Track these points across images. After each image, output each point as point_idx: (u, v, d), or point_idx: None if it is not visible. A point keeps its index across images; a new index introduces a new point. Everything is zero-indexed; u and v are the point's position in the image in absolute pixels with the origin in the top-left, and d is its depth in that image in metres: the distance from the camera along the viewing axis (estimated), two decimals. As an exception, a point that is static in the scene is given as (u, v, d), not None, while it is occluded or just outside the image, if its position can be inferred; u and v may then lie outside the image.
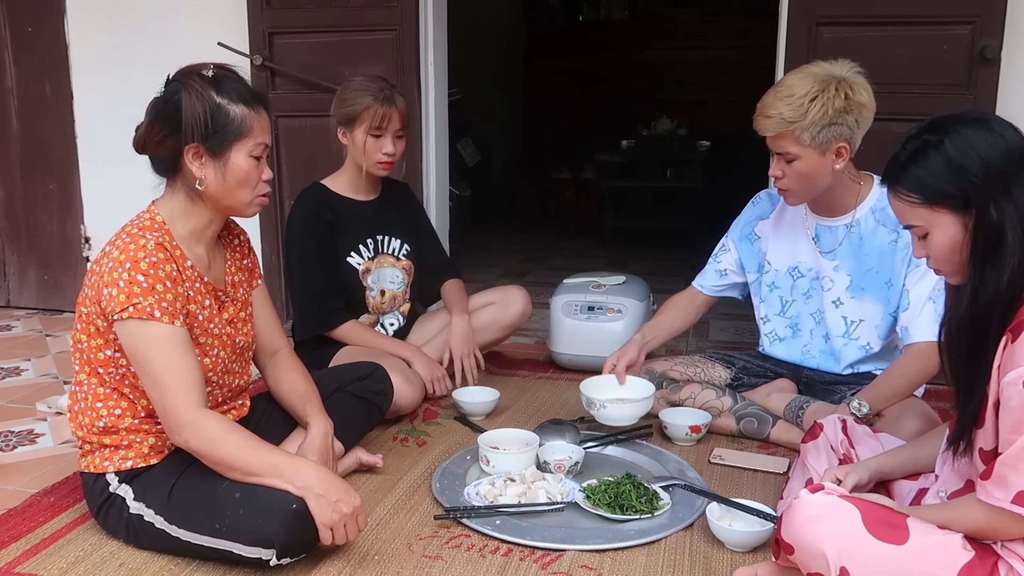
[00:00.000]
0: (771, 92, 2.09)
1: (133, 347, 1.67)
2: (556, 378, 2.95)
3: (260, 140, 1.75)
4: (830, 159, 2.09)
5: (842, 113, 2.03)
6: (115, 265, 1.66)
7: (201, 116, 1.68)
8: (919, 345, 2.10)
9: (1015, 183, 1.35)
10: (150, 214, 1.76)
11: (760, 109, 2.09)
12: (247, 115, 1.72)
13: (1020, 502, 1.29)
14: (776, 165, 2.13)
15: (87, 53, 3.68)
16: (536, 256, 5.36)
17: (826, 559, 1.37)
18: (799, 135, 2.04)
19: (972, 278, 1.39)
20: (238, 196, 1.76)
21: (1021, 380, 1.28)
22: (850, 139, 2.08)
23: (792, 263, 2.37)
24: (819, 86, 2.03)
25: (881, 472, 1.71)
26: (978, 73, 2.72)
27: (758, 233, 2.45)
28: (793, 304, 2.39)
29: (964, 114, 1.43)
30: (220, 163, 1.72)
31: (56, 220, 3.86)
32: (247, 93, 1.74)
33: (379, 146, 2.55)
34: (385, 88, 2.56)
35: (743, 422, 2.35)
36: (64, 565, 1.73)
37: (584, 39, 7.44)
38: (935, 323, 2.05)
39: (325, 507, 1.62)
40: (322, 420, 1.94)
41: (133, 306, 1.64)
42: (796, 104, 2.02)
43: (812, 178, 2.12)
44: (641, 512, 1.89)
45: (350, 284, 2.65)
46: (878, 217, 2.21)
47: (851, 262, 2.26)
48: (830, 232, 2.28)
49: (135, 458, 1.76)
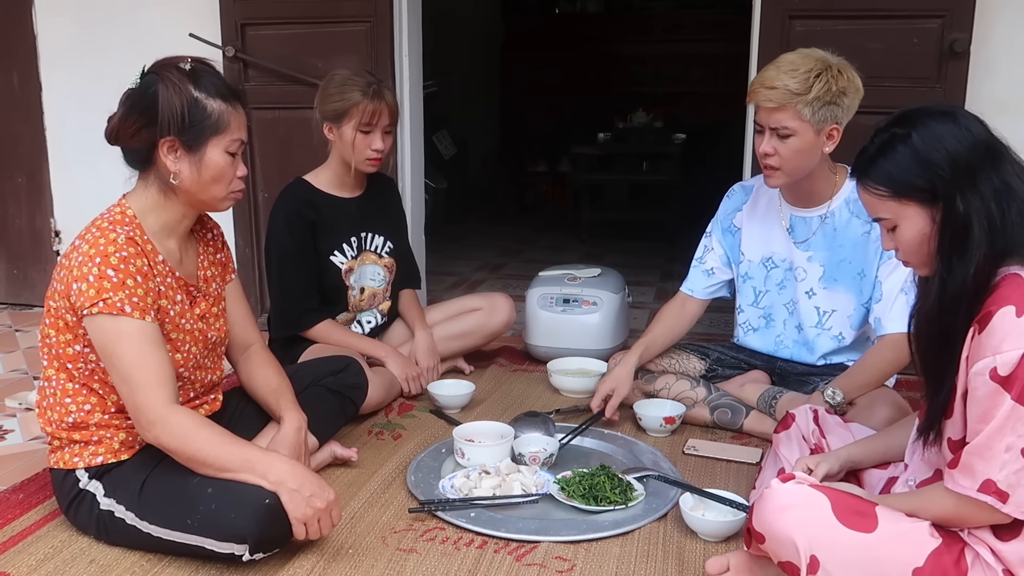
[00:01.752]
0: (772, 67, 2.09)
1: (103, 343, 1.65)
2: (532, 370, 2.95)
3: (236, 136, 1.73)
4: (822, 140, 2.10)
5: (841, 94, 2.05)
6: (85, 259, 1.64)
7: (178, 109, 1.66)
8: (891, 336, 2.12)
9: (981, 176, 1.36)
10: (120, 208, 1.74)
11: (762, 81, 2.08)
12: (224, 110, 1.70)
13: (986, 490, 1.31)
14: (768, 142, 2.10)
15: (56, 45, 3.63)
16: (512, 249, 5.37)
17: (796, 547, 1.39)
18: (801, 109, 2.04)
19: (940, 270, 1.40)
20: (212, 191, 1.75)
21: (988, 370, 1.29)
22: (841, 122, 2.10)
23: (766, 253, 2.38)
24: (821, 65, 2.05)
25: (852, 461, 1.72)
26: (948, 66, 2.75)
27: (737, 224, 2.46)
28: (766, 294, 2.41)
29: (931, 108, 1.44)
30: (195, 158, 1.70)
31: (25, 213, 3.81)
32: (225, 88, 1.72)
33: (368, 142, 2.51)
34: (373, 83, 2.51)
35: (717, 412, 2.36)
36: (33, 562, 1.71)
37: (561, 32, 7.45)
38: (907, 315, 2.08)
39: (299, 502, 1.62)
40: (295, 414, 1.92)
41: (103, 301, 1.62)
42: (801, 78, 2.03)
43: (804, 157, 2.11)
44: (615, 503, 1.90)
45: (332, 283, 2.63)
46: (852, 208, 2.23)
47: (824, 253, 2.28)
48: (804, 223, 2.30)
49: (105, 454, 1.75)
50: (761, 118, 2.11)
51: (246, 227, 3.44)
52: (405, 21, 3.26)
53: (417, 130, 3.46)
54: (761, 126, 2.11)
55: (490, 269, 4.79)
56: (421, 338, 2.73)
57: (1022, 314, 1.28)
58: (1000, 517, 1.33)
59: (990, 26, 2.77)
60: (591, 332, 2.94)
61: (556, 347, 2.95)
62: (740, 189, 2.48)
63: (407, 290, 2.85)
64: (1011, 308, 1.29)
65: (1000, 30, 2.78)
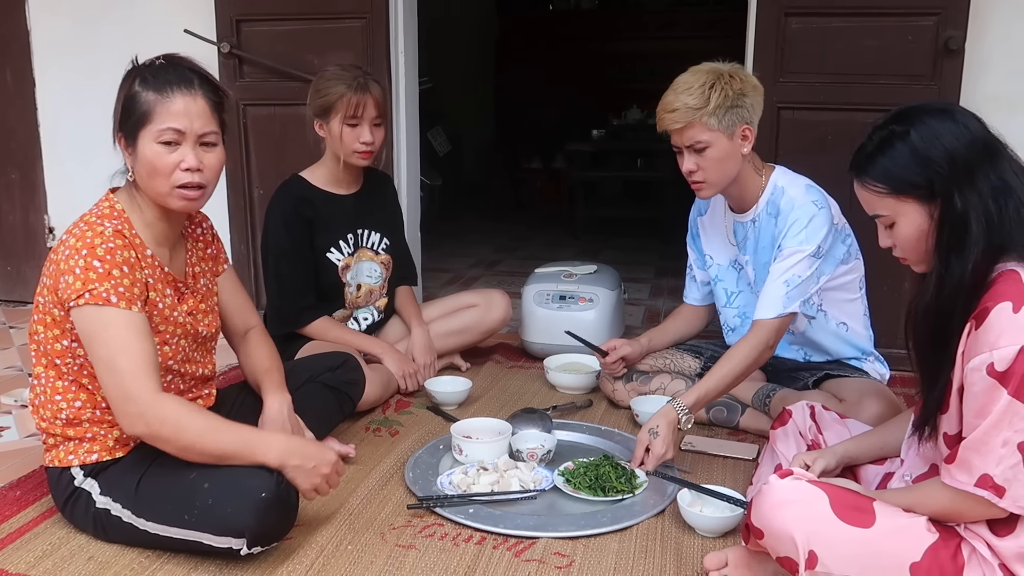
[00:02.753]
0: (669, 92, 2.13)
1: (89, 332, 1.62)
2: (528, 367, 2.95)
3: (166, 125, 1.64)
4: (738, 143, 2.14)
5: (740, 95, 2.09)
6: (71, 253, 1.63)
7: (119, 104, 1.67)
8: (758, 322, 2.13)
9: (979, 173, 1.37)
10: (109, 202, 1.73)
11: (663, 107, 2.12)
12: (153, 100, 1.64)
13: (983, 485, 1.32)
14: (688, 160, 2.15)
15: (50, 41, 3.62)
16: (508, 246, 5.37)
17: (795, 543, 1.39)
18: (707, 121, 2.08)
19: (937, 266, 1.41)
20: (154, 187, 1.68)
21: (984, 366, 1.30)
22: (751, 122, 2.13)
23: (730, 256, 2.42)
24: (712, 76, 2.09)
25: (848, 457, 1.73)
26: (943, 64, 2.76)
27: (698, 230, 2.51)
28: (739, 295, 2.44)
29: (929, 104, 1.45)
30: (136, 153, 1.68)
31: (19, 210, 3.79)
32: (172, 78, 1.66)
33: (356, 135, 2.50)
34: (359, 75, 2.51)
35: (713, 411, 2.37)
36: (32, 559, 1.71)
37: (555, 29, 7.45)
38: (779, 303, 2.08)
39: (306, 474, 1.66)
40: (278, 395, 1.93)
41: (89, 292, 1.60)
42: (697, 93, 2.07)
43: (725, 164, 2.15)
44: (623, 492, 1.91)
45: (329, 280, 2.63)
46: (769, 209, 2.25)
47: (752, 256, 2.32)
48: (742, 227, 2.34)
49: (100, 451, 1.74)
50: (674, 140, 2.15)
51: (241, 223, 3.43)
52: (401, 17, 3.26)
53: (413, 126, 3.46)
54: (679, 148, 2.16)
55: (485, 266, 4.79)
56: (418, 335, 2.73)
57: (1019, 310, 1.29)
58: (997, 512, 1.34)
59: (984, 23, 2.78)
60: (587, 329, 2.93)
61: (552, 343, 2.95)
62: None
63: (404, 287, 2.85)
64: (1008, 304, 1.30)
65: (994, 27, 2.79)
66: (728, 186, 2.22)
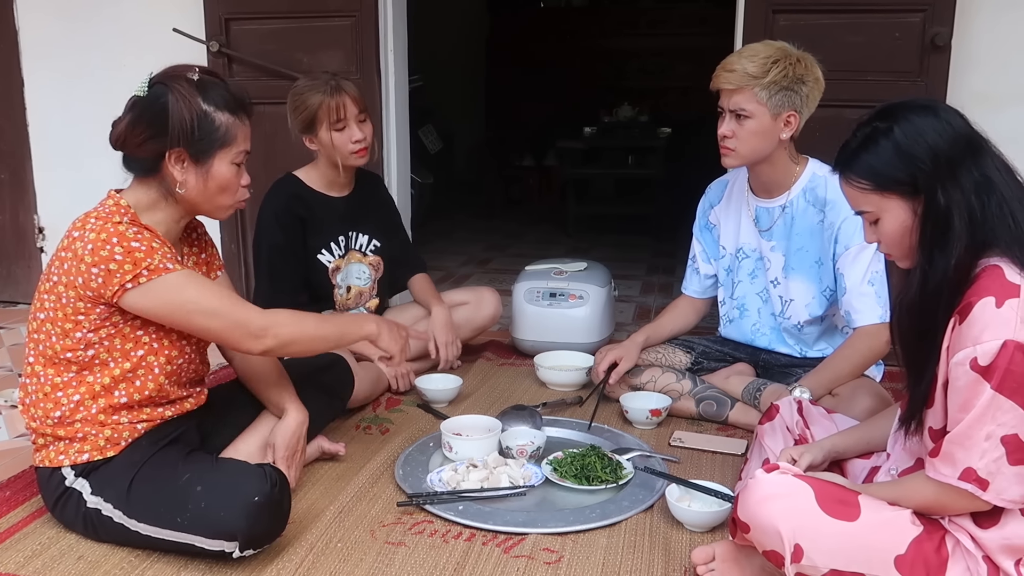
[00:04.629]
0: (734, 54, 2.17)
1: (164, 302, 1.67)
2: (519, 364, 2.96)
3: (243, 148, 1.77)
4: (779, 126, 2.16)
5: (798, 82, 2.11)
6: (99, 245, 1.64)
7: (188, 122, 1.68)
8: (862, 328, 2.17)
9: (961, 169, 1.38)
10: (114, 200, 1.74)
11: (723, 65, 2.16)
12: (232, 123, 1.73)
13: (967, 478, 1.33)
14: (727, 124, 2.17)
15: (38, 40, 3.61)
16: (500, 243, 5.37)
17: (781, 537, 1.40)
18: (758, 92, 2.11)
19: (921, 262, 1.42)
20: (217, 201, 1.79)
21: (968, 361, 1.31)
22: (799, 111, 2.15)
23: (738, 244, 2.43)
24: (780, 53, 2.12)
25: (835, 451, 1.74)
26: (929, 60, 2.78)
27: (713, 221, 2.50)
28: (739, 285, 2.45)
29: (912, 101, 1.46)
30: (203, 169, 1.73)
31: (8, 210, 3.78)
32: (232, 100, 1.75)
33: (347, 136, 2.52)
34: (329, 80, 2.53)
35: (702, 405, 2.38)
36: (22, 559, 1.71)
37: (546, 26, 7.46)
38: (876, 305, 2.11)
39: (393, 337, 1.97)
40: (298, 409, 1.98)
41: (146, 269, 1.64)
42: (760, 63, 2.10)
43: (759, 140, 2.17)
44: (606, 482, 1.93)
45: (319, 281, 2.63)
46: (808, 197, 2.27)
47: (784, 242, 2.32)
48: (768, 212, 2.34)
49: (91, 451, 1.74)
50: (722, 101, 2.18)
51: (232, 223, 3.43)
52: (390, 16, 3.26)
53: (403, 125, 3.46)
54: (722, 108, 2.19)
55: (477, 263, 4.80)
56: (438, 313, 2.74)
57: (1001, 305, 1.30)
58: (980, 505, 1.35)
59: (971, 20, 2.79)
60: (577, 326, 2.96)
61: (543, 341, 2.96)
62: (716, 185, 2.53)
63: (419, 275, 2.88)
64: (991, 299, 1.31)
65: (980, 24, 2.80)
66: (757, 164, 2.25)
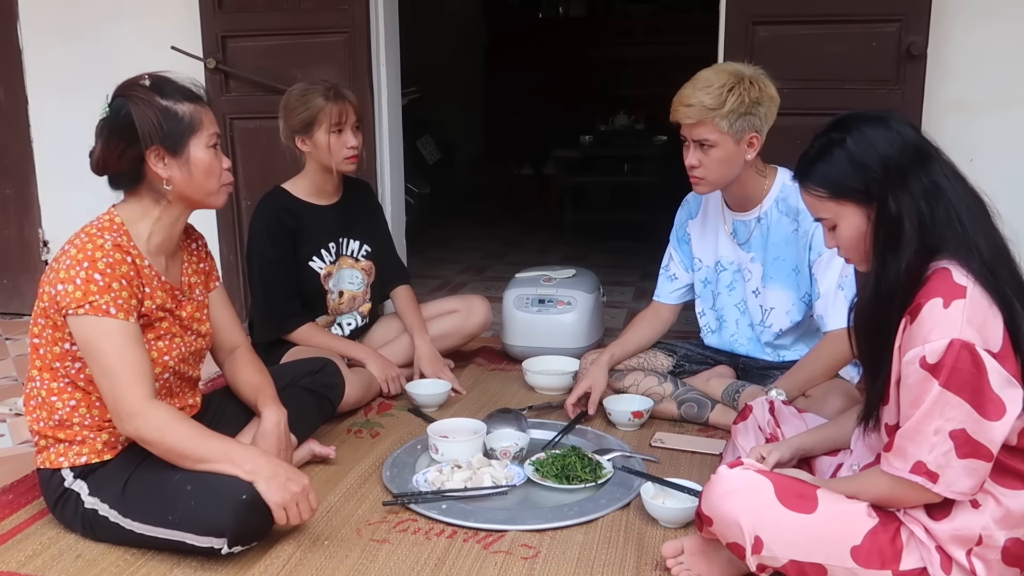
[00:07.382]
0: (688, 85, 2.20)
1: (86, 339, 1.72)
2: (509, 369, 3.02)
3: (212, 130, 1.83)
4: (743, 148, 2.20)
5: (755, 104, 2.15)
6: (72, 263, 1.72)
7: (154, 120, 1.75)
8: (832, 332, 2.22)
9: (911, 176, 1.45)
10: (109, 216, 1.82)
11: (680, 99, 2.19)
12: (194, 110, 1.80)
13: (917, 471, 1.39)
14: (693, 154, 2.22)
15: (41, 60, 3.70)
16: (497, 251, 5.44)
17: (742, 529, 1.47)
18: (718, 123, 2.15)
19: (876, 266, 1.48)
20: (206, 187, 1.84)
21: (918, 359, 1.38)
22: (760, 130, 2.20)
23: (716, 257, 2.48)
24: (734, 79, 2.15)
25: (803, 449, 1.80)
26: (906, 69, 2.83)
27: (689, 232, 2.56)
28: (719, 296, 2.51)
29: (865, 113, 1.53)
30: (183, 159, 1.79)
31: (14, 224, 3.87)
32: (187, 91, 1.82)
33: (343, 141, 2.60)
34: (330, 86, 2.62)
35: (684, 407, 2.44)
36: (23, 558, 1.78)
37: (543, 36, 7.52)
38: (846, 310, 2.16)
39: (276, 487, 1.70)
40: (275, 409, 2.01)
41: (89, 303, 1.70)
42: (715, 93, 2.14)
43: (727, 166, 2.22)
44: (586, 481, 1.99)
45: (311, 288, 2.71)
46: (780, 207, 2.33)
47: (762, 252, 2.38)
48: (744, 225, 2.40)
49: (89, 454, 1.82)
50: (684, 131, 2.22)
51: (230, 234, 3.51)
52: (382, 31, 3.34)
53: (396, 136, 3.54)
54: (685, 138, 2.23)
55: (474, 271, 4.86)
56: (422, 347, 2.78)
57: (948, 305, 1.36)
58: (931, 496, 1.41)
59: (946, 29, 2.85)
60: (566, 331, 3.02)
61: (532, 346, 3.02)
62: (693, 198, 2.57)
63: (402, 288, 2.91)
64: (939, 300, 1.37)
65: (955, 33, 2.86)
66: (728, 186, 2.30)
